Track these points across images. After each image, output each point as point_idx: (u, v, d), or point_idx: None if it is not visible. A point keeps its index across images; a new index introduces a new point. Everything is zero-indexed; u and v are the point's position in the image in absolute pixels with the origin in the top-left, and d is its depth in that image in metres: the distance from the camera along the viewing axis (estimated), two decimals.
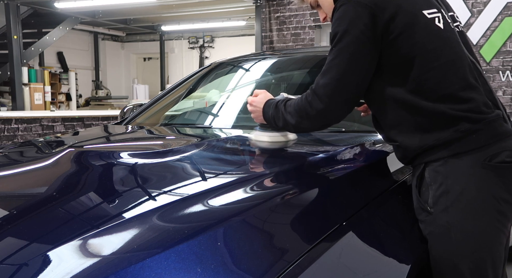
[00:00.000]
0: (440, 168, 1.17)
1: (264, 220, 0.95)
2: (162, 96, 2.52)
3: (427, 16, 1.21)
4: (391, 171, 1.38)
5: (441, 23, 1.22)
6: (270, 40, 7.70)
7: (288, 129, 1.42)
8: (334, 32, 1.21)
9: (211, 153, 1.55)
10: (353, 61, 1.19)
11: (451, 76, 1.18)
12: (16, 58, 8.09)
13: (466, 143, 1.15)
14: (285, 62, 2.56)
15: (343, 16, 1.19)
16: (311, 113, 1.26)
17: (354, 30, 1.16)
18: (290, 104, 1.34)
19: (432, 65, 1.17)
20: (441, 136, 1.16)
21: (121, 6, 9.12)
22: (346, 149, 1.52)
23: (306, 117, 1.28)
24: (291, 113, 1.32)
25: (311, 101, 1.25)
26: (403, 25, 1.17)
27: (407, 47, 1.17)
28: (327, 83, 1.21)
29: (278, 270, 0.78)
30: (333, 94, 1.22)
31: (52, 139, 2.21)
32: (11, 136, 5.27)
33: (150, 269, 0.73)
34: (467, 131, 1.15)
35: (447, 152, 1.16)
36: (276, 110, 1.39)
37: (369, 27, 1.16)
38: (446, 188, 1.16)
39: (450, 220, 1.16)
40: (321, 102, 1.23)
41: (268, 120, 1.44)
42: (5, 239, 0.86)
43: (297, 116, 1.31)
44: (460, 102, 1.16)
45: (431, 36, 1.19)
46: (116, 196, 1.09)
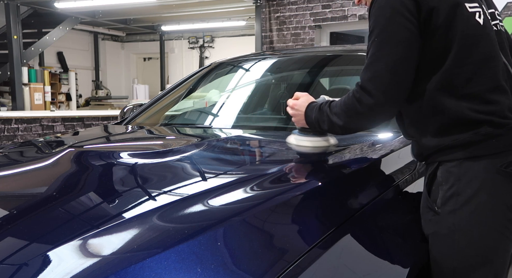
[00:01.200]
0: (453, 169, 1.14)
1: (264, 220, 0.95)
2: (162, 96, 2.52)
3: (468, 9, 1.16)
4: (391, 172, 1.38)
5: (481, 19, 1.17)
6: (270, 40, 7.70)
7: (335, 131, 1.33)
8: (376, 21, 1.16)
9: (211, 153, 1.55)
10: (402, 49, 1.13)
11: (482, 74, 1.14)
12: (16, 58, 8.08)
13: (484, 147, 1.12)
14: (285, 62, 2.56)
15: (385, 5, 1.14)
16: (361, 110, 1.19)
17: (399, 18, 1.11)
18: (335, 105, 1.28)
19: (465, 60, 1.13)
20: (460, 136, 1.13)
21: (121, 6, 9.12)
22: (346, 149, 1.52)
23: (355, 116, 1.22)
24: (338, 113, 1.26)
25: (360, 98, 1.18)
26: (445, 15, 1.12)
27: (446, 38, 1.13)
28: (375, 76, 1.15)
29: (278, 270, 0.78)
30: (384, 88, 1.15)
31: (52, 139, 2.21)
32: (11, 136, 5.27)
33: (150, 269, 0.73)
34: (488, 134, 1.11)
35: (464, 154, 1.13)
36: (320, 112, 1.32)
37: (414, 14, 1.11)
38: (457, 190, 1.13)
39: (456, 223, 1.13)
40: (371, 97, 1.15)
41: (312, 123, 1.37)
42: (5, 239, 0.86)
43: (345, 116, 1.24)
44: (485, 104, 1.12)
45: (470, 30, 1.14)
46: (116, 196, 1.09)
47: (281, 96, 2.32)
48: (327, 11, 7.19)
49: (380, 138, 1.63)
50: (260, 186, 1.13)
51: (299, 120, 1.42)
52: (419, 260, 1.18)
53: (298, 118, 1.42)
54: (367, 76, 1.17)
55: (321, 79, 2.38)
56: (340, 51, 2.51)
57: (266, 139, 1.86)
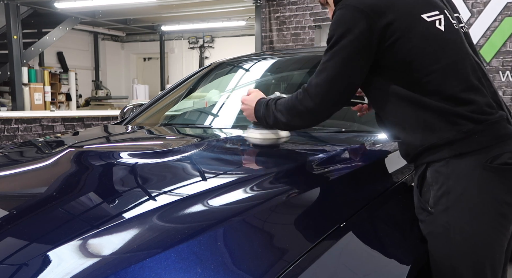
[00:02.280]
0: (442, 169, 1.17)
1: (264, 220, 0.95)
2: (162, 96, 2.52)
3: (426, 19, 1.21)
4: (391, 171, 1.38)
5: (442, 26, 1.22)
6: (270, 40, 7.70)
7: (278, 127, 1.46)
8: (330, 34, 1.23)
9: (211, 153, 1.55)
10: (344, 65, 1.21)
11: (452, 77, 1.18)
12: (16, 58, 8.08)
13: (468, 144, 1.15)
14: (285, 62, 2.56)
15: (340, 20, 1.20)
16: (301, 110, 1.30)
17: (349, 36, 1.18)
18: (280, 103, 1.38)
19: (432, 67, 1.17)
20: (443, 135, 1.16)
21: (121, 6, 9.12)
22: (346, 149, 1.52)
23: (296, 115, 1.32)
24: (282, 111, 1.36)
25: (302, 99, 1.28)
26: (401, 30, 1.17)
27: (404, 51, 1.18)
28: (319, 83, 1.24)
29: (278, 270, 0.78)
30: (323, 95, 1.25)
31: (52, 139, 2.21)
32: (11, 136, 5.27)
33: (150, 269, 0.73)
34: (469, 131, 1.15)
35: (449, 152, 1.16)
36: (266, 108, 1.42)
37: (365, 34, 1.17)
38: (447, 188, 1.16)
39: (450, 221, 1.15)
40: (311, 101, 1.26)
41: (260, 118, 1.46)
42: (5, 239, 0.86)
43: (287, 114, 1.34)
44: (462, 104, 1.16)
45: (430, 39, 1.19)
46: (116, 196, 1.09)
47: None
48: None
49: (380, 138, 1.63)
50: (260, 186, 1.13)
51: (249, 114, 1.51)
52: (419, 259, 1.18)
53: (248, 113, 1.51)
54: (313, 82, 1.26)
55: None
56: None
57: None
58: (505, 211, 1.16)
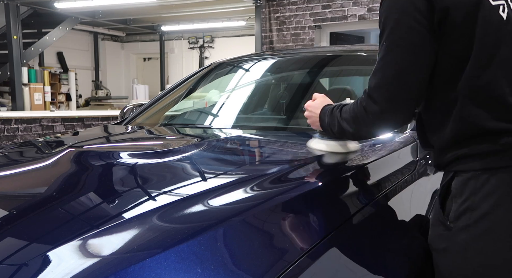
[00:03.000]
0: (469, 181, 1.06)
1: (264, 220, 0.95)
2: (162, 96, 2.52)
3: (491, 2, 1.04)
4: (391, 172, 1.38)
5: (505, 13, 1.06)
6: (270, 40, 7.71)
7: (346, 137, 1.29)
8: (383, 23, 1.07)
9: (211, 153, 1.55)
10: (410, 55, 1.05)
11: (504, 77, 1.05)
12: (16, 58, 8.08)
13: (503, 158, 1.03)
14: (285, 62, 2.56)
15: (393, 5, 1.05)
16: (367, 119, 1.13)
17: (408, 19, 1.02)
18: (346, 110, 1.21)
19: (486, 62, 1.04)
20: (477, 146, 1.05)
21: (121, 6, 9.12)
22: None
23: (363, 123, 1.16)
24: (347, 120, 1.20)
25: (366, 106, 1.12)
26: (464, 13, 1.02)
27: (464, 40, 1.04)
28: (382, 83, 1.08)
29: (278, 270, 0.78)
30: (390, 96, 1.08)
31: (52, 139, 2.21)
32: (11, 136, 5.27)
33: (150, 269, 0.73)
34: (507, 144, 1.03)
35: (480, 164, 1.04)
36: (331, 117, 1.26)
37: (425, 15, 1.02)
38: (472, 204, 1.04)
39: (470, 240, 1.05)
40: (376, 105, 1.09)
41: (325, 127, 1.31)
42: (5, 239, 0.86)
43: (354, 123, 1.18)
44: (507, 108, 1.04)
45: (491, 29, 1.04)
46: (116, 196, 1.09)
47: (281, 96, 2.32)
48: (327, 11, 7.19)
49: (380, 138, 1.63)
50: (260, 186, 1.13)
51: (313, 122, 1.36)
52: (419, 260, 1.18)
53: (313, 120, 1.35)
54: (373, 83, 1.11)
55: (321, 79, 2.38)
56: (340, 51, 2.51)
57: (266, 139, 1.86)
58: None
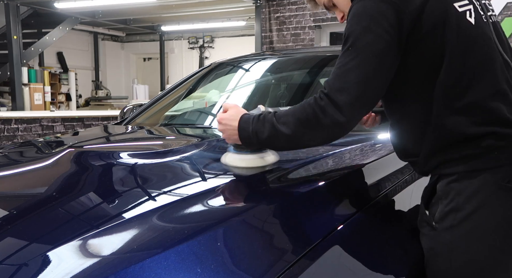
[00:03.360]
0: (453, 184, 1.07)
1: (264, 220, 0.95)
2: (162, 96, 2.52)
3: (458, 9, 1.06)
4: (391, 172, 1.38)
5: (472, 18, 1.07)
6: (270, 40, 7.71)
7: (277, 143, 1.14)
8: (350, 29, 1.05)
9: (211, 153, 1.55)
10: (376, 62, 1.03)
11: (480, 80, 1.05)
12: (16, 58, 8.08)
13: (485, 161, 1.04)
14: (285, 62, 2.56)
15: (362, 12, 1.04)
16: (323, 121, 1.05)
17: (377, 28, 1.01)
18: (285, 114, 1.12)
19: (460, 69, 1.04)
20: (460, 149, 1.06)
21: (121, 6, 9.12)
22: (346, 149, 1.52)
23: (314, 126, 1.07)
24: (288, 123, 1.09)
25: (325, 108, 1.04)
26: (432, 23, 1.03)
27: (434, 48, 1.04)
28: (346, 88, 1.03)
29: (278, 270, 0.78)
30: (354, 102, 1.04)
31: (52, 139, 2.21)
32: (11, 136, 5.27)
33: (150, 269, 0.73)
34: (489, 147, 1.04)
35: (464, 167, 1.06)
36: (259, 123, 1.14)
37: (394, 26, 1.01)
38: (457, 205, 1.06)
39: (454, 240, 1.06)
40: (341, 112, 1.03)
41: (247, 137, 1.17)
42: (5, 239, 0.86)
43: (299, 126, 1.08)
44: (486, 113, 1.04)
45: (460, 35, 1.05)
46: (116, 196, 1.09)
47: (281, 96, 2.33)
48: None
49: (380, 138, 1.63)
50: (260, 186, 1.13)
51: (230, 135, 1.21)
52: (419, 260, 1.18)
53: (229, 133, 1.20)
54: (335, 86, 1.05)
55: (321, 79, 2.38)
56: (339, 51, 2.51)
57: None
58: None
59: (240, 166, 1.23)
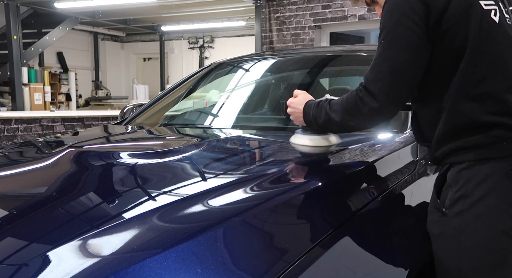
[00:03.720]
0: (463, 171, 1.14)
1: (264, 220, 0.95)
2: (162, 96, 2.52)
3: (483, 7, 1.14)
4: (391, 172, 1.38)
5: (497, 17, 1.15)
6: (270, 40, 7.70)
7: (330, 128, 1.35)
8: (384, 24, 1.15)
9: (211, 154, 1.55)
10: (407, 52, 1.13)
11: (497, 73, 1.13)
12: (16, 58, 8.07)
13: (495, 149, 1.12)
14: (285, 62, 2.56)
15: (393, 8, 1.13)
16: (363, 110, 1.19)
17: (407, 21, 1.11)
18: (336, 102, 1.28)
19: (479, 59, 1.12)
20: (471, 138, 1.13)
21: (121, 6, 9.11)
22: (346, 149, 1.52)
23: (356, 114, 1.22)
24: (337, 111, 1.26)
25: (363, 98, 1.18)
26: (457, 16, 1.11)
27: (458, 40, 1.12)
28: (379, 77, 1.15)
29: (278, 270, 0.78)
30: (387, 90, 1.15)
31: (52, 139, 2.21)
32: (11, 136, 5.27)
33: (150, 269, 0.73)
34: (499, 137, 1.11)
35: (474, 156, 1.13)
36: (317, 109, 1.32)
37: (423, 18, 1.10)
38: (466, 192, 1.13)
39: (463, 224, 1.13)
40: (375, 99, 1.16)
41: (309, 121, 1.36)
42: (5, 239, 0.86)
43: (345, 114, 1.24)
44: (499, 103, 1.12)
45: (484, 29, 1.13)
46: (116, 196, 1.09)
47: (281, 96, 2.32)
48: (327, 11, 7.19)
49: (380, 138, 1.63)
50: (260, 186, 1.13)
51: (296, 117, 1.42)
52: (420, 260, 1.18)
53: (296, 116, 1.41)
54: (370, 77, 1.17)
55: (321, 79, 2.38)
56: (340, 51, 2.51)
57: (266, 139, 1.86)
58: None
59: (308, 145, 1.43)
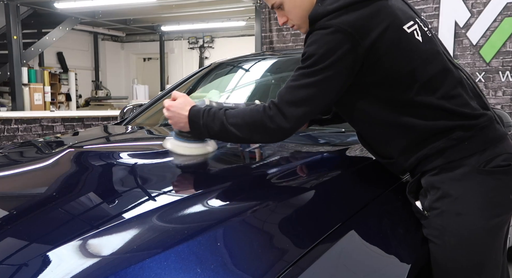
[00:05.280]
0: (435, 177, 1.19)
1: (264, 220, 0.95)
2: (162, 96, 2.52)
3: (407, 31, 1.17)
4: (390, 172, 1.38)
5: (419, 36, 1.19)
6: (270, 40, 7.70)
7: (226, 139, 1.30)
8: (310, 53, 1.15)
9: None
10: (326, 85, 1.15)
11: (437, 88, 1.17)
12: (16, 59, 8.07)
13: (458, 151, 1.16)
14: (285, 62, 2.56)
15: (321, 41, 1.14)
16: (270, 127, 1.17)
17: (332, 57, 1.12)
18: (234, 115, 1.22)
19: (417, 80, 1.16)
20: (434, 145, 1.17)
21: (121, 6, 9.12)
22: (346, 149, 1.52)
23: (261, 131, 1.20)
24: (238, 125, 1.20)
25: (273, 117, 1.17)
26: (385, 48, 1.13)
27: (391, 68, 1.15)
28: (295, 102, 1.16)
29: (278, 270, 0.78)
30: (301, 116, 1.17)
31: (51, 139, 2.21)
32: (11, 136, 5.27)
33: (150, 269, 0.73)
34: (459, 138, 1.16)
35: (442, 160, 1.18)
36: (210, 118, 1.23)
37: (349, 56, 1.12)
38: (442, 193, 1.17)
39: (445, 224, 1.16)
40: (287, 121, 1.16)
41: (197, 129, 1.27)
42: (5, 239, 0.86)
43: (248, 129, 1.20)
44: (449, 113, 1.17)
45: (413, 52, 1.17)
46: (115, 197, 1.09)
47: None
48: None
49: None
50: (259, 186, 1.13)
51: (177, 122, 1.31)
52: (419, 260, 1.18)
53: (177, 120, 1.31)
54: (287, 98, 1.17)
55: None
56: None
57: None
58: (500, 212, 1.17)
59: (183, 153, 1.35)
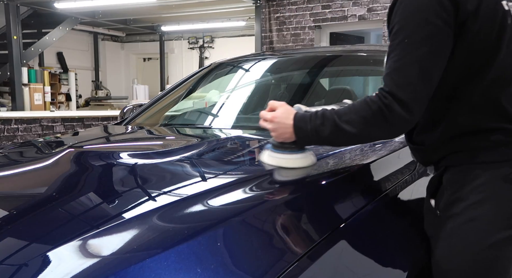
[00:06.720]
0: (459, 175, 1.12)
1: (264, 220, 0.95)
2: (162, 96, 2.52)
3: (504, 7, 1.07)
4: (391, 172, 1.38)
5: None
6: (270, 41, 7.70)
7: (341, 141, 1.17)
8: (403, 22, 1.03)
9: (210, 154, 1.55)
10: (436, 54, 1.02)
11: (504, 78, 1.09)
12: (16, 59, 8.07)
13: (493, 154, 1.09)
14: (285, 62, 2.56)
15: (418, 3, 1.02)
16: (389, 119, 1.04)
17: (436, 19, 1.00)
18: (346, 112, 1.11)
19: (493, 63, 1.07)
20: (469, 142, 1.10)
21: (121, 7, 9.12)
22: (346, 149, 1.52)
23: (380, 124, 1.06)
24: (352, 121, 1.08)
25: (390, 105, 1.03)
26: (484, 19, 1.03)
27: (477, 42, 1.05)
28: (409, 83, 1.02)
29: (278, 270, 0.78)
30: (416, 95, 1.03)
31: (51, 139, 2.21)
32: (11, 137, 5.27)
33: (150, 269, 0.73)
34: (498, 142, 1.08)
35: (471, 160, 1.10)
36: (319, 121, 1.13)
37: (452, 17, 1.01)
38: (461, 195, 1.10)
39: (455, 227, 1.11)
40: (407, 108, 1.02)
41: (305, 136, 1.16)
42: (5, 239, 0.86)
43: (365, 124, 1.07)
44: (502, 111, 1.09)
45: (501, 33, 1.07)
46: (116, 197, 1.09)
47: (281, 96, 2.32)
48: (326, 11, 7.19)
49: None
50: (260, 187, 1.13)
51: (282, 133, 1.20)
52: (419, 260, 1.18)
53: (282, 131, 1.19)
54: (396, 82, 1.03)
55: (321, 79, 2.38)
56: (340, 52, 2.51)
57: (266, 139, 1.86)
58: None
59: (282, 166, 1.22)
